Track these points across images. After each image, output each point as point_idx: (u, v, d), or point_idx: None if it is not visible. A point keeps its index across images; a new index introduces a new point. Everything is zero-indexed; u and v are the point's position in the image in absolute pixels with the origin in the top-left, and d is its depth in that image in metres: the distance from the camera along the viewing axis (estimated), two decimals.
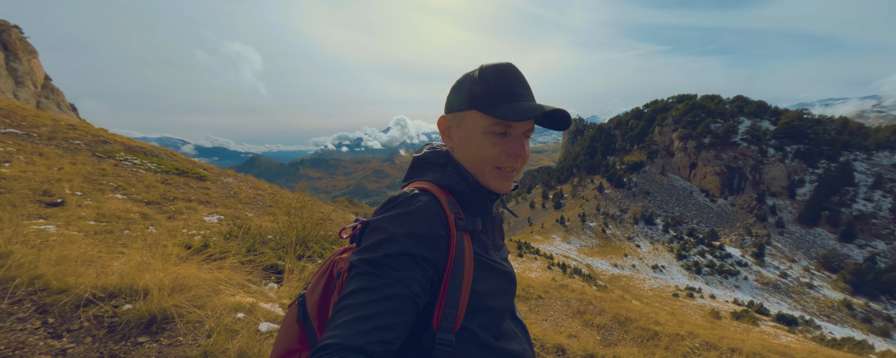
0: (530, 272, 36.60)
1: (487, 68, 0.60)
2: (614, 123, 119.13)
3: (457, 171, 0.63)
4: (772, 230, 66.41)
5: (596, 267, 56.62)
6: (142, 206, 3.93)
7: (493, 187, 0.63)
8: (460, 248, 0.55)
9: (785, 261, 59.22)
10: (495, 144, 0.60)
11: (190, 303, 1.33)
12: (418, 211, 0.55)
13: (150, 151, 7.69)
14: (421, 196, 0.57)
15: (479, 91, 0.59)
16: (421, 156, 0.69)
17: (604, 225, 74.08)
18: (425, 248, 0.53)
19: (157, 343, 1.14)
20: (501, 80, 0.59)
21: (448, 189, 0.63)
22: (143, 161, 6.12)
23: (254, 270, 1.96)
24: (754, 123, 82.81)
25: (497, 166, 0.61)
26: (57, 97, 38.37)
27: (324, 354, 0.43)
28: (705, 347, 2.33)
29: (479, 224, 0.61)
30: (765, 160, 76.27)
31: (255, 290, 1.80)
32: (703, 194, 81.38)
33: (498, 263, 0.63)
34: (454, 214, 0.57)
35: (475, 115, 0.60)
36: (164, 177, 5.81)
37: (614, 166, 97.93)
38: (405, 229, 0.52)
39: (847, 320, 44.73)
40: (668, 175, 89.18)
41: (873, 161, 70.44)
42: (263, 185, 9.41)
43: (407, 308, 0.49)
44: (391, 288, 0.49)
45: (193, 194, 5.20)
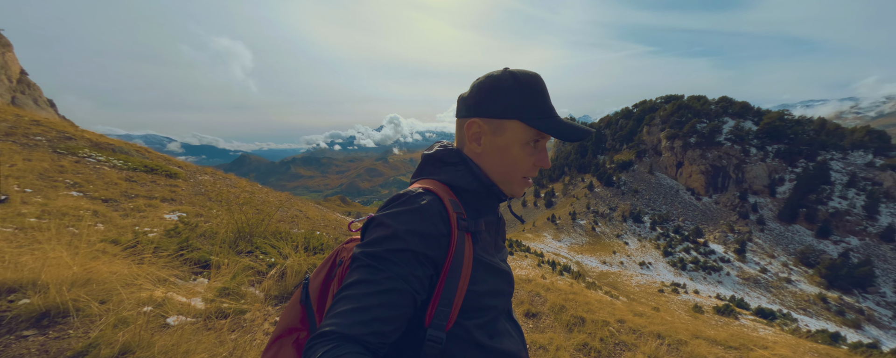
0: (520, 270, 37.00)
1: (523, 78, 0.60)
2: (605, 123, 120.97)
3: (469, 170, 0.64)
4: (753, 227, 68.56)
5: (585, 264, 57.57)
6: (97, 203, 3.84)
7: (515, 193, 0.66)
8: (460, 248, 0.56)
9: (765, 257, 61.27)
10: (530, 156, 0.62)
11: (90, 297, 1.33)
12: (422, 209, 0.55)
13: (119, 148, 7.49)
14: (425, 195, 0.58)
15: (522, 103, 0.60)
16: (432, 154, 0.68)
17: (594, 223, 75.30)
18: (427, 246, 0.53)
19: (43, 336, 1.14)
20: (541, 93, 0.61)
21: (458, 188, 0.63)
22: (109, 158, 5.97)
23: (183, 266, 1.95)
24: (738, 124, 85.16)
25: (524, 176, 0.64)
26: (34, 92, 36.89)
27: (321, 341, 0.44)
28: (628, 331, 2.45)
29: (482, 225, 0.61)
30: (747, 159, 78.56)
31: (180, 285, 1.80)
32: (689, 193, 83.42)
33: (497, 264, 0.64)
34: (457, 214, 0.57)
35: (518, 126, 0.60)
36: (129, 174, 5.68)
37: (604, 165, 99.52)
38: (408, 227, 0.53)
39: (822, 313, 46.59)
40: (656, 174, 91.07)
41: (848, 161, 73.33)
42: (243, 183, 9.27)
43: (405, 303, 0.50)
44: (391, 282, 0.50)
45: (158, 192, 5.09)
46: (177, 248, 1.98)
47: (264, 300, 1.93)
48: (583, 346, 2.06)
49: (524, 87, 0.60)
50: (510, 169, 0.63)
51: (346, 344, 0.44)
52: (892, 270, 54.56)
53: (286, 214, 6.45)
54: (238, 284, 1.82)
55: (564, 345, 1.99)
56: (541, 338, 2.01)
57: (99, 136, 9.51)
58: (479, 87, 0.63)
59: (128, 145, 9.24)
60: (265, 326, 1.62)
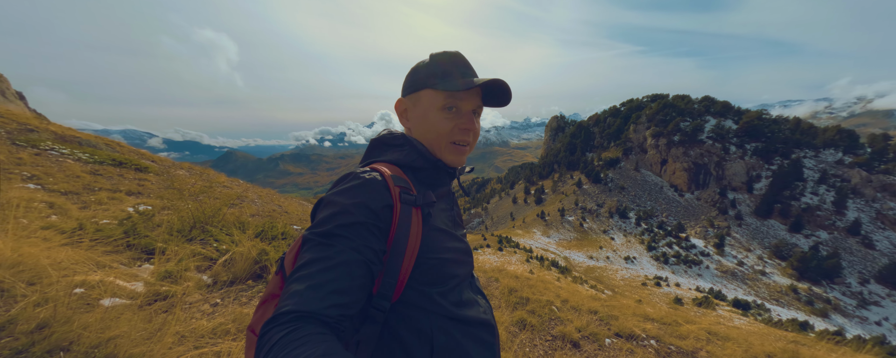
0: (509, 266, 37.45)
1: (438, 54, 0.69)
2: (593, 121, 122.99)
3: (413, 148, 0.68)
4: (731, 222, 71.30)
5: (573, 259, 58.82)
6: (56, 195, 3.74)
7: (448, 161, 0.69)
8: (405, 220, 0.58)
9: (742, 250, 63.90)
10: (448, 119, 0.66)
11: (17, 279, 1.34)
12: (367, 183, 0.59)
13: (87, 142, 7.24)
14: (368, 172, 0.62)
15: (431, 72, 0.67)
16: (378, 137, 0.73)
17: (581, 219, 76.82)
18: (376, 217, 0.56)
19: None
20: (451, 62, 0.67)
21: (406, 166, 0.68)
22: (74, 151, 5.78)
23: (128, 252, 1.96)
24: (719, 122, 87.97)
25: (452, 141, 0.68)
26: (1, 84, 34.91)
27: (276, 324, 0.44)
28: (569, 309, 2.60)
29: (432, 196, 0.64)
30: (727, 157, 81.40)
31: (122, 270, 1.81)
32: (673, 189, 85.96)
33: (456, 234, 0.69)
34: (400, 189, 0.60)
35: (429, 93, 0.67)
36: (95, 167, 5.51)
37: (593, 162, 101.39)
38: (355, 200, 0.56)
39: (793, 303, 49.05)
40: (642, 171, 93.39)
41: (820, 158, 76.92)
42: (221, 178, 9.10)
43: (360, 273, 0.52)
44: (344, 254, 0.51)
45: (125, 186, 4.97)
46: (122, 235, 1.98)
47: (213, 285, 1.96)
48: (519, 321, 2.18)
49: (434, 61, 0.68)
50: (435, 135, 0.68)
51: (303, 325, 0.44)
52: (857, 262, 57.81)
53: (263, 208, 6.39)
54: (183, 269, 1.84)
55: (502, 320, 2.10)
56: None
57: (66, 129, 9.15)
58: (407, 74, 0.72)
59: (98, 139, 8.94)
60: (205, 308, 1.66)
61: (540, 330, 2.11)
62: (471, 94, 0.67)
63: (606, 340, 2.14)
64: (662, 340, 2.28)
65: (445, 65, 0.67)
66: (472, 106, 0.68)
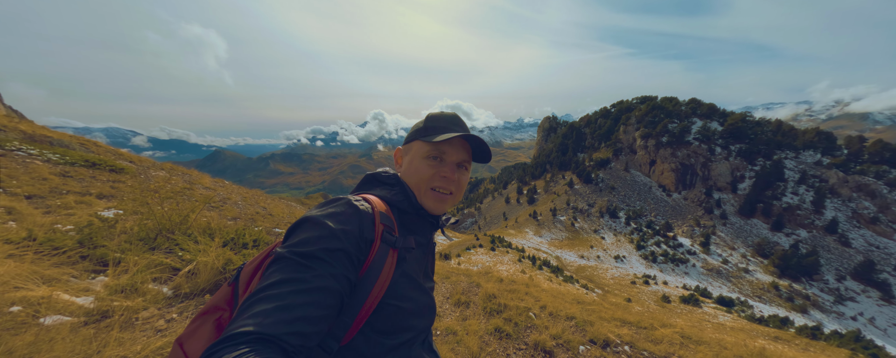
0: (501, 265, 37.61)
1: (436, 113, 0.77)
2: (585, 122, 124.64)
3: (402, 190, 0.73)
4: (717, 221, 73.24)
5: (564, 259, 59.49)
6: (17, 200, 3.56)
7: (428, 207, 0.72)
8: (379, 260, 0.57)
9: (727, 248, 65.70)
10: (431, 166, 0.72)
11: None
12: (359, 213, 0.59)
13: (59, 141, 6.94)
14: (363, 202, 0.63)
15: (423, 127, 0.75)
16: (373, 174, 0.78)
17: (573, 219, 77.76)
18: (359, 249, 0.55)
19: None
20: (442, 119, 0.75)
21: (394, 205, 0.70)
22: (43, 152, 5.53)
23: (83, 263, 1.86)
24: (705, 124, 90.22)
25: (432, 187, 0.72)
26: None
27: (231, 343, 0.40)
28: (547, 315, 2.61)
29: (411, 241, 0.66)
30: (713, 158, 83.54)
31: (73, 283, 1.72)
32: (661, 189, 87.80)
33: (423, 287, 0.69)
34: (384, 226, 0.61)
35: (418, 143, 0.75)
36: (65, 169, 5.29)
37: (584, 163, 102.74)
38: (346, 227, 0.55)
39: (774, 300, 50.66)
40: (631, 171, 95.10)
41: (800, 159, 79.66)
42: (205, 179, 8.86)
43: (333, 303, 0.49)
44: (322, 280, 0.49)
45: (96, 188, 4.78)
46: (76, 244, 1.88)
47: (174, 297, 1.87)
48: (495, 330, 2.17)
49: (429, 118, 0.76)
50: (417, 179, 0.72)
51: (262, 346, 0.41)
52: (834, 260, 60.06)
53: (245, 211, 6.23)
54: (140, 282, 1.76)
55: (477, 329, 2.09)
56: (457, 325, 2.09)
57: (38, 127, 8.78)
58: None
59: (72, 139, 8.60)
60: (159, 323, 1.58)
61: (515, 338, 2.10)
62: (457, 148, 0.73)
63: (581, 347, 2.14)
64: (636, 346, 2.30)
65: (436, 120, 0.75)
66: (458, 158, 0.73)
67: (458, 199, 0.76)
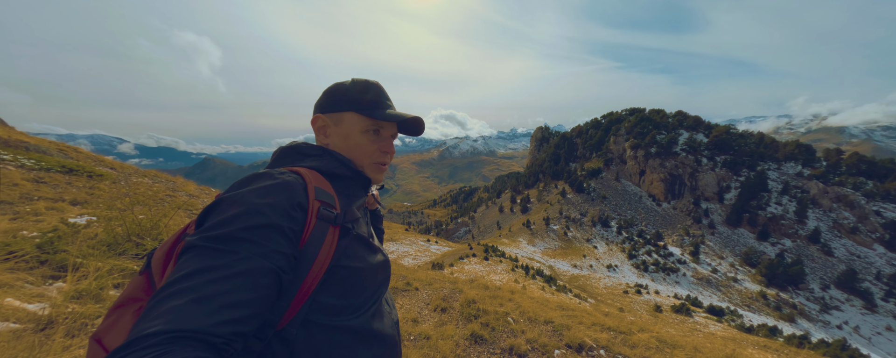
0: (494, 275, 37.31)
1: (360, 81, 0.73)
2: (576, 132, 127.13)
3: (333, 158, 0.68)
4: (705, 231, 74.52)
5: (558, 268, 59.39)
6: None
7: (372, 178, 0.74)
8: (316, 239, 0.52)
9: (715, 258, 66.63)
10: (372, 142, 0.71)
11: None
12: (287, 183, 0.52)
13: (36, 147, 6.75)
14: (288, 173, 0.56)
15: (357, 97, 0.70)
16: (289, 146, 0.71)
17: (566, 228, 78.11)
18: (293, 220, 0.49)
19: None
20: (375, 91, 0.72)
21: (329, 174, 0.66)
22: (17, 157, 5.36)
23: (41, 269, 1.80)
24: (692, 136, 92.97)
25: (374, 162, 0.73)
26: None
27: (138, 347, 0.33)
28: (526, 320, 2.60)
29: (355, 213, 0.63)
30: (700, 168, 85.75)
31: (28, 289, 1.66)
32: (651, 199, 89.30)
33: (374, 246, 0.67)
34: (321, 203, 0.55)
35: (353, 116, 0.70)
36: (40, 175, 5.13)
37: (576, 172, 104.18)
38: (270, 200, 0.48)
39: (763, 309, 51.22)
40: (622, 181, 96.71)
41: (782, 170, 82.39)
42: (190, 187, 8.67)
43: (266, 282, 0.43)
44: (248, 261, 0.42)
45: (71, 194, 4.64)
46: (35, 250, 1.82)
47: None
48: (471, 334, 2.15)
49: (360, 86, 0.71)
50: (357, 154, 0.71)
51: (178, 348, 0.34)
52: (818, 268, 61.39)
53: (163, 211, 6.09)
54: (98, 288, 1.70)
55: (454, 334, 2.06)
56: (433, 330, 2.06)
57: (16, 133, 8.56)
58: (326, 90, 0.74)
59: (52, 145, 8.38)
60: None
61: (490, 343, 2.08)
62: (390, 123, 0.73)
63: (556, 352, 2.13)
64: (611, 350, 2.30)
65: (370, 93, 0.71)
66: (391, 132, 0.74)
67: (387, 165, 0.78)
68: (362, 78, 0.74)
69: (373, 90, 0.72)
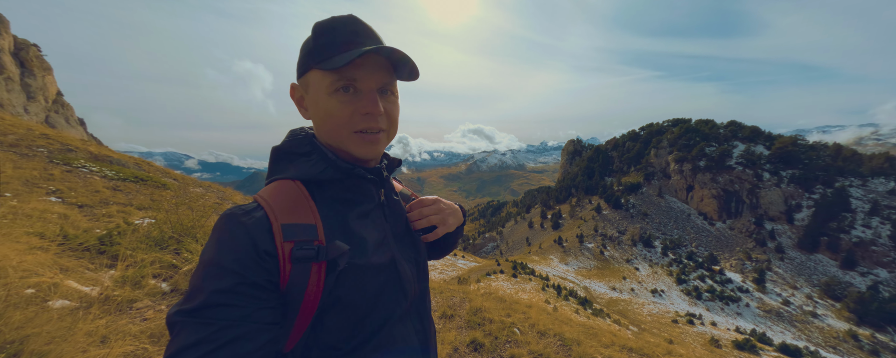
0: (523, 294, 35.46)
1: (319, 23, 0.52)
2: (611, 145, 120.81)
3: (322, 156, 0.54)
4: (772, 255, 65.15)
5: (594, 290, 55.12)
6: (71, 208, 4.10)
7: (358, 155, 0.54)
8: (298, 280, 0.46)
9: (787, 288, 57.57)
10: (344, 103, 0.51)
11: None
12: (244, 230, 0.45)
13: (117, 161, 7.97)
14: (252, 212, 0.48)
15: (314, 46, 0.51)
16: (279, 146, 0.58)
17: (602, 246, 72.91)
18: (265, 270, 0.45)
19: None
20: (336, 30, 0.51)
21: (315, 182, 0.54)
22: (102, 168, 6.38)
23: (100, 258, 2.10)
24: (748, 148, 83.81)
25: (355, 131, 0.52)
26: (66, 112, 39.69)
27: None
28: (535, 333, 2.43)
29: (341, 248, 0.49)
30: (761, 184, 76.36)
31: (85, 274, 1.94)
32: (701, 217, 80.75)
33: (378, 264, 0.54)
34: (293, 243, 0.47)
35: (315, 74, 0.52)
36: (117, 184, 6.02)
37: (612, 187, 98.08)
38: (235, 253, 0.44)
39: (854, 352, 42.68)
40: (666, 197, 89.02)
41: (869, 188, 70.41)
42: (236, 196, 9.59)
43: (256, 345, 0.42)
44: (226, 333, 0.40)
45: (138, 200, 5.36)
46: (97, 242, 2.13)
47: (170, 292, 2.04)
48: (471, 342, 2.07)
49: (316, 32, 0.52)
50: (332, 125, 0.52)
51: None
52: None
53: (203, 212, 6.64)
54: (140, 275, 1.94)
55: (453, 341, 2.01)
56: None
57: (105, 149, 10.13)
58: None
59: (131, 159, 9.78)
60: (149, 313, 1.72)
61: (490, 351, 2.00)
62: (371, 69, 0.51)
63: None
64: None
65: (329, 33, 0.51)
66: (377, 83, 0.52)
67: (393, 134, 0.57)
68: (329, 17, 0.53)
69: (335, 30, 0.51)
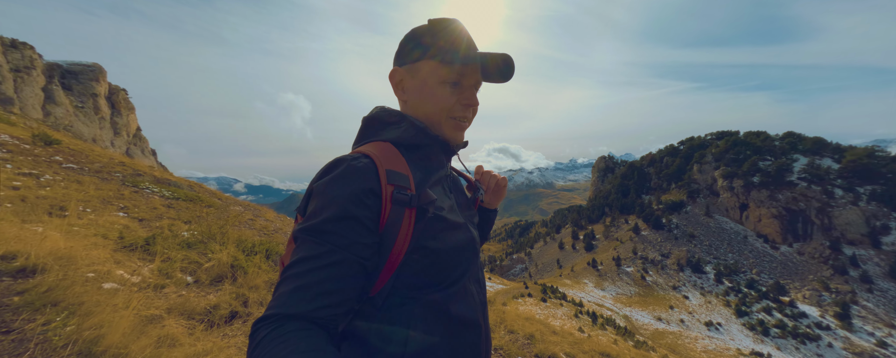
0: (554, 320, 33.05)
1: (439, 21, 0.62)
2: (647, 161, 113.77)
3: (411, 125, 0.63)
4: (857, 286, 55.30)
5: (635, 319, 49.94)
6: (133, 220, 4.92)
7: (449, 137, 0.65)
8: (394, 222, 0.54)
9: (881, 326, 47.97)
10: (451, 94, 0.62)
11: (54, 262, 1.99)
12: (353, 171, 0.54)
13: (174, 183, 9.26)
14: (359, 158, 0.56)
15: (433, 42, 0.61)
16: (371, 115, 0.68)
17: (643, 271, 66.78)
18: (368, 208, 0.52)
19: (11, 279, 1.79)
20: (454, 33, 0.61)
21: (405, 145, 0.63)
22: (161, 190, 7.50)
23: (146, 255, 2.62)
24: (812, 161, 74.72)
25: (452, 116, 0.64)
26: (142, 144, 46.50)
27: (263, 324, 0.44)
28: (506, 331, 2.41)
29: (430, 196, 0.58)
30: (833, 202, 66.86)
31: (132, 266, 2.44)
32: (761, 240, 71.65)
33: (457, 224, 0.63)
34: (394, 186, 0.55)
35: (431, 64, 0.62)
36: (171, 202, 7.04)
37: (651, 206, 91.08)
38: (343, 191, 0.52)
39: None
40: (715, 217, 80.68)
41: None
42: (269, 214, 10.55)
43: (351, 272, 0.49)
44: (333, 254, 0.48)
45: (187, 216, 6.22)
46: (143, 243, 2.66)
47: (193, 284, 2.47)
48: None
49: (437, 29, 0.61)
50: (433, 108, 0.63)
51: (287, 323, 0.44)
52: None
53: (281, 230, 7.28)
54: (170, 269, 2.40)
55: None
56: None
57: (167, 173, 11.76)
58: (402, 40, 0.66)
59: (185, 182, 11.25)
60: (173, 297, 2.14)
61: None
62: (472, 69, 0.63)
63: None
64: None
65: (448, 35, 0.61)
66: (474, 81, 0.64)
67: (470, 123, 0.68)
68: (442, 17, 0.63)
69: (450, 31, 0.61)
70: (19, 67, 29.68)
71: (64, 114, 32.18)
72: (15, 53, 30.05)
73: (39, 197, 4.52)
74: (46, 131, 9.18)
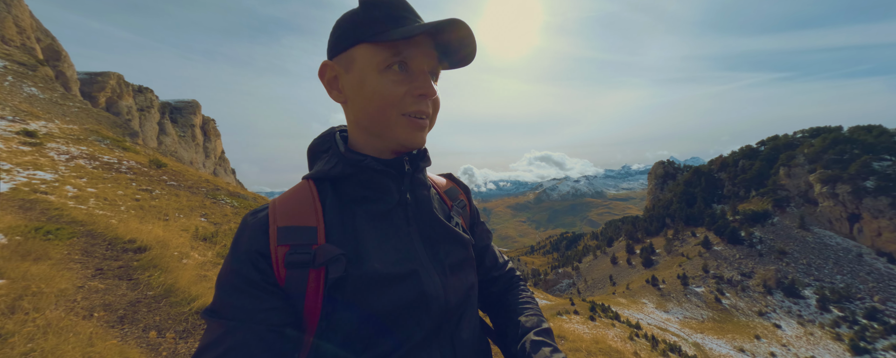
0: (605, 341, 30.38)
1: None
2: (718, 165, 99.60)
3: (335, 152, 0.51)
4: None
5: (709, 348, 43.10)
6: (209, 224, 6.45)
7: (404, 141, 0.48)
8: (295, 286, 0.44)
9: None
10: (396, 83, 0.46)
11: (155, 244, 3.10)
12: (247, 229, 0.46)
13: (242, 196, 11.38)
14: (259, 212, 0.48)
15: (364, 20, 0.46)
16: (311, 144, 0.57)
17: (717, 292, 57.65)
18: (261, 271, 0.43)
19: (132, 253, 2.90)
20: (391, 4, 0.46)
21: (328, 179, 0.51)
22: (232, 201, 9.39)
23: (211, 244, 3.72)
24: None
25: (404, 113, 0.47)
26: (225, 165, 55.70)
27: None
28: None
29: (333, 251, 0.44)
30: None
31: (203, 249, 3.53)
32: (884, 258, 57.35)
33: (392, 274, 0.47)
34: (288, 247, 0.44)
35: (364, 48, 0.46)
36: (238, 210, 8.81)
37: (724, 216, 78.93)
38: (237, 253, 0.44)
39: None
40: (813, 230, 66.94)
41: None
42: None
43: (263, 346, 0.40)
44: (235, 334, 0.40)
45: None
46: (210, 235, 3.78)
47: None
48: None
49: (367, 4, 0.46)
50: (378, 107, 0.46)
51: None
52: None
53: None
54: (224, 252, 3.43)
55: None
56: None
57: (238, 188, 14.24)
58: (332, 28, 0.50)
59: (252, 195, 13.53)
60: None
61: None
62: (422, 49, 0.46)
63: None
64: None
65: (382, 7, 0.45)
66: (427, 65, 0.47)
67: (433, 125, 0.52)
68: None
69: (383, 3, 0.46)
70: (143, 107, 38.40)
71: (171, 142, 40.41)
72: (141, 96, 38.93)
73: (151, 206, 6.22)
74: (158, 157, 11.99)
